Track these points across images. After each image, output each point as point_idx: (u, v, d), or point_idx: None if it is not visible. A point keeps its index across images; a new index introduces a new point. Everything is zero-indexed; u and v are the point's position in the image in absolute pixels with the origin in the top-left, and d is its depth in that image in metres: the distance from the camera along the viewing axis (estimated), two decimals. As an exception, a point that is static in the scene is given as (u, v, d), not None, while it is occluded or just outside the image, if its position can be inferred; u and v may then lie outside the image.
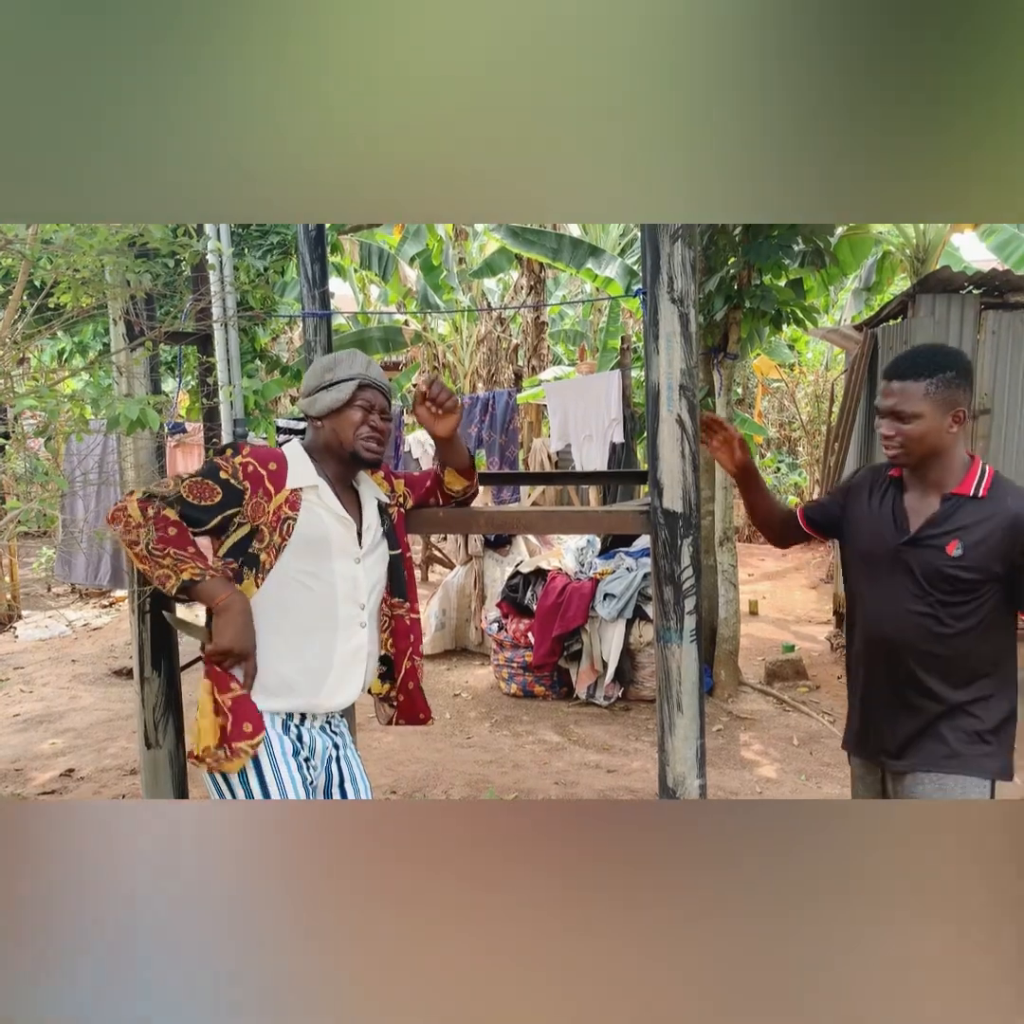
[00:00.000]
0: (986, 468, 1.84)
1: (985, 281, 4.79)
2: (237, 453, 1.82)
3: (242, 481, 1.78)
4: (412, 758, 4.25)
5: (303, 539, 1.80)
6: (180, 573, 1.70)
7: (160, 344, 2.17)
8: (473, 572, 6.38)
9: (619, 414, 5.71)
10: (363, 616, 1.88)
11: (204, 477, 1.78)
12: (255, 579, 1.78)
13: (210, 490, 1.76)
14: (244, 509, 1.77)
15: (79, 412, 1.88)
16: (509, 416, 6.53)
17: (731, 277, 4.98)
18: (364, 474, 2.01)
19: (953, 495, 1.83)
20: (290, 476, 1.83)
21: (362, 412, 1.88)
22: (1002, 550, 1.75)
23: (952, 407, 1.80)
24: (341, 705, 1.87)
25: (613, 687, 5.09)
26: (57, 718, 4.96)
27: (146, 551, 1.70)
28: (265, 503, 1.78)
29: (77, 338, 5.80)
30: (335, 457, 1.90)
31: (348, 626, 1.85)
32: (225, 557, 1.80)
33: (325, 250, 3.24)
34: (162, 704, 2.38)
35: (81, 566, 6.59)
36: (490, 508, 2.18)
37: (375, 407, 1.90)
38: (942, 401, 1.79)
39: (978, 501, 1.80)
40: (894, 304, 5.21)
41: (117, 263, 1.77)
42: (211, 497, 1.76)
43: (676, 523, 1.99)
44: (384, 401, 1.93)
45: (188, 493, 1.76)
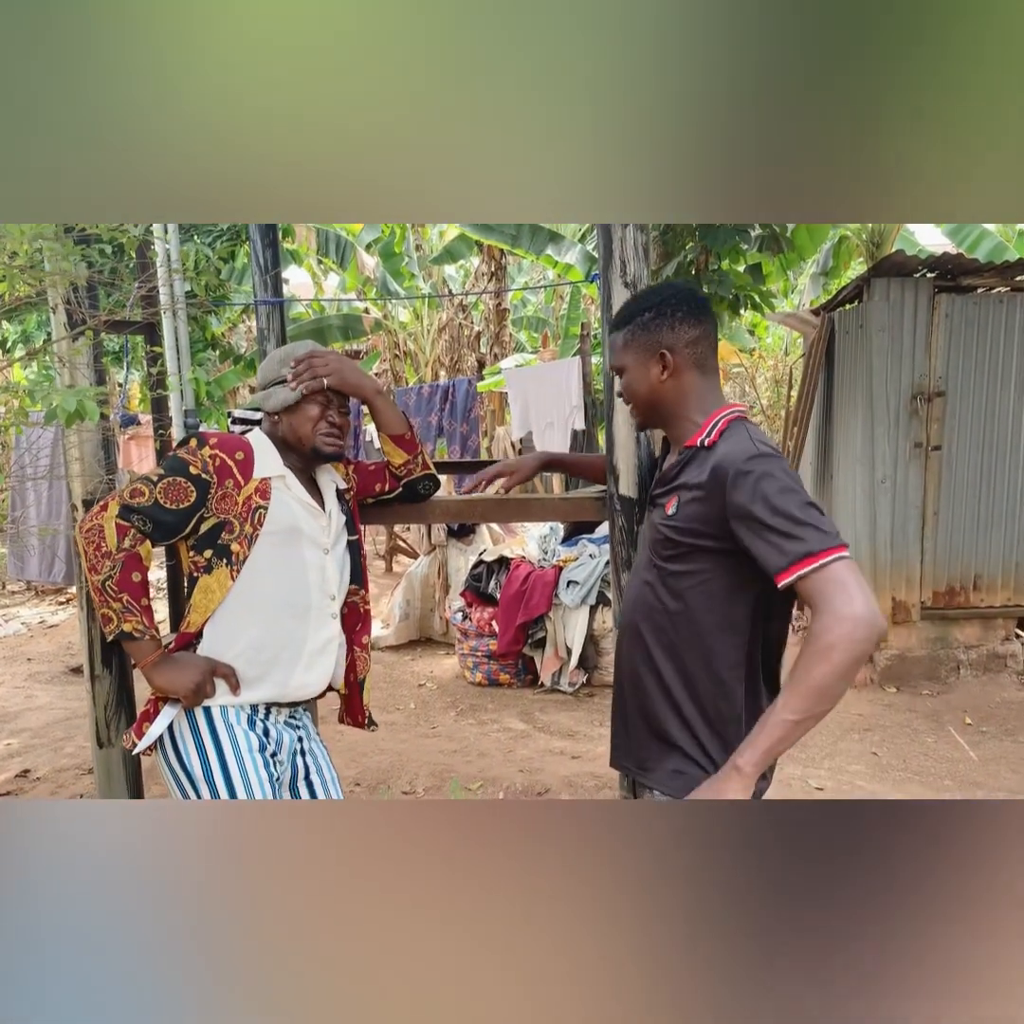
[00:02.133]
0: (726, 416, 1.53)
1: (938, 265, 4.84)
2: (203, 444, 1.75)
3: (211, 474, 1.72)
4: (376, 749, 4.22)
5: (275, 528, 1.76)
6: (123, 623, 1.66)
7: (103, 333, 2.11)
8: (437, 561, 6.36)
9: (580, 401, 5.71)
10: (334, 607, 1.86)
11: (175, 475, 1.71)
12: (230, 571, 1.73)
13: (184, 490, 1.70)
14: (208, 503, 1.73)
15: (19, 403, 1.82)
16: (470, 404, 6.49)
17: (689, 262, 4.99)
18: None
19: (685, 447, 1.55)
20: (257, 465, 1.78)
21: (319, 407, 1.84)
22: (711, 505, 1.43)
23: (654, 350, 1.55)
24: (309, 695, 1.84)
25: (577, 673, 5.11)
26: (12, 718, 4.85)
27: (101, 586, 1.65)
28: (235, 493, 1.74)
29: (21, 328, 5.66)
30: (294, 451, 1.86)
31: (319, 617, 1.82)
32: (194, 551, 1.75)
33: (277, 235, 3.18)
34: (114, 702, 2.33)
35: (35, 563, 6.45)
36: (446, 498, 2.15)
37: (332, 401, 1.86)
38: (641, 347, 1.57)
39: (704, 452, 1.50)
40: (850, 288, 5.25)
41: (52, 250, 1.71)
42: (187, 498, 1.70)
43: (632, 509, 1.99)
44: (342, 396, 1.89)
45: (165, 498, 1.69)
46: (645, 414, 1.64)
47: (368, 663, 2.03)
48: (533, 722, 4.66)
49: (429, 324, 11.95)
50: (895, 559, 5.01)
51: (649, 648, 1.57)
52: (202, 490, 1.72)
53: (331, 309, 10.65)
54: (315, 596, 1.81)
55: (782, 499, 1.35)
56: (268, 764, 1.73)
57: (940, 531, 5.04)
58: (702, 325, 1.56)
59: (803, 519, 1.33)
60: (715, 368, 1.61)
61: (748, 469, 1.39)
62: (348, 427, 1.92)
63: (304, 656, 1.80)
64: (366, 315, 9.78)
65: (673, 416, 1.59)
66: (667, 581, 1.54)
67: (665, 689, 1.55)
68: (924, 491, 5.00)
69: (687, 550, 1.50)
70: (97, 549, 1.65)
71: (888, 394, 4.92)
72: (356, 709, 2.02)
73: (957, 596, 5.07)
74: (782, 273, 6.84)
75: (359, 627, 1.99)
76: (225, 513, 1.73)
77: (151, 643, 1.69)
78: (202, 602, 1.75)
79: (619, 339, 1.62)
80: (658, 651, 1.56)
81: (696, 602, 1.50)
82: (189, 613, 1.76)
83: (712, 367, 1.60)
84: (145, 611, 1.69)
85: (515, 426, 6.35)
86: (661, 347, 1.55)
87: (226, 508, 1.73)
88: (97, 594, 1.66)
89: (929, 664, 5.05)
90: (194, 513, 1.72)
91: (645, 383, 1.58)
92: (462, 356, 11.79)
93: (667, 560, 1.54)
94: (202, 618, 1.74)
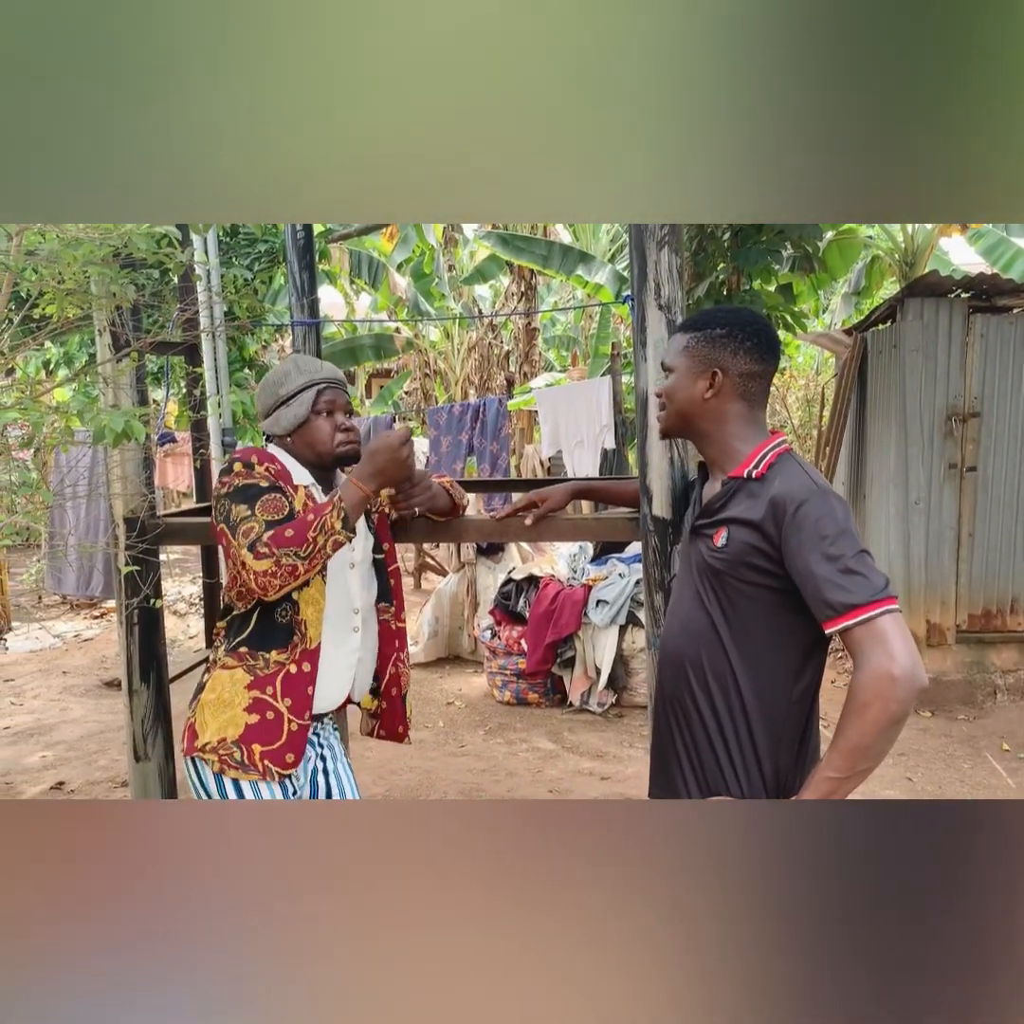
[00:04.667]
0: (775, 448, 1.52)
1: (973, 285, 4.81)
2: (251, 465, 1.75)
3: (277, 481, 1.75)
4: (405, 767, 4.23)
5: None
6: (334, 528, 1.64)
7: (146, 355, 2.16)
8: (466, 579, 6.37)
9: (610, 420, 5.72)
10: (356, 620, 1.87)
11: (257, 496, 1.70)
12: (322, 578, 1.78)
13: (276, 501, 1.71)
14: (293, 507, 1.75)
15: (65, 423, 1.87)
16: (500, 423, 6.53)
17: (720, 283, 5.00)
18: (343, 476, 2.00)
19: (731, 479, 1.53)
20: (293, 474, 1.82)
21: (330, 418, 1.85)
22: (762, 539, 1.43)
23: (708, 366, 1.53)
24: (327, 708, 1.85)
25: (607, 694, 5.08)
26: (47, 731, 4.92)
27: (304, 561, 1.63)
28: (292, 501, 1.75)
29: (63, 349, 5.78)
30: (311, 465, 1.88)
31: (341, 628, 1.83)
32: None
33: (313, 258, 3.25)
34: (151, 716, 2.37)
35: (72, 577, 6.55)
36: (479, 516, 2.17)
37: (337, 407, 1.86)
38: (698, 357, 1.54)
39: (753, 484, 1.49)
40: (883, 308, 5.23)
41: (102, 274, 1.76)
42: (282, 506, 1.71)
43: (666, 530, 1.99)
44: (344, 396, 1.89)
45: (268, 514, 1.68)
46: (674, 422, 1.61)
47: (408, 679, 2.06)
48: (562, 742, 4.64)
49: (459, 343, 12.05)
50: (929, 581, 4.94)
51: (699, 680, 1.52)
52: (283, 494, 1.73)
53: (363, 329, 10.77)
54: (336, 608, 1.82)
55: (838, 545, 1.34)
56: (283, 780, 1.74)
57: (975, 553, 4.97)
58: (765, 363, 1.54)
59: (855, 568, 1.32)
60: (763, 405, 1.59)
61: (807, 508, 1.38)
62: (356, 427, 1.91)
63: (322, 670, 1.80)
64: (397, 334, 9.88)
65: (706, 436, 1.58)
66: (721, 613, 1.50)
67: (717, 724, 1.50)
68: (959, 512, 4.94)
69: (740, 583, 1.47)
70: (276, 576, 1.62)
71: (922, 414, 4.88)
72: (397, 722, 2.04)
73: (993, 619, 4.99)
74: (813, 293, 6.83)
75: (396, 644, 2.01)
76: None
77: (348, 496, 1.68)
78: (314, 614, 1.77)
79: (681, 340, 1.58)
80: (712, 683, 1.51)
81: (753, 635, 1.47)
82: (306, 629, 1.76)
83: (760, 404, 1.58)
84: (317, 513, 1.65)
85: (545, 445, 6.37)
86: (716, 365, 1.53)
87: None
88: (316, 560, 1.64)
89: (965, 688, 4.97)
90: (295, 514, 1.72)
91: (687, 393, 1.56)
92: (491, 375, 11.87)
93: (720, 592, 1.50)
94: (317, 631, 1.76)
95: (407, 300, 10.69)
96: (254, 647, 1.75)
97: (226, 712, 1.71)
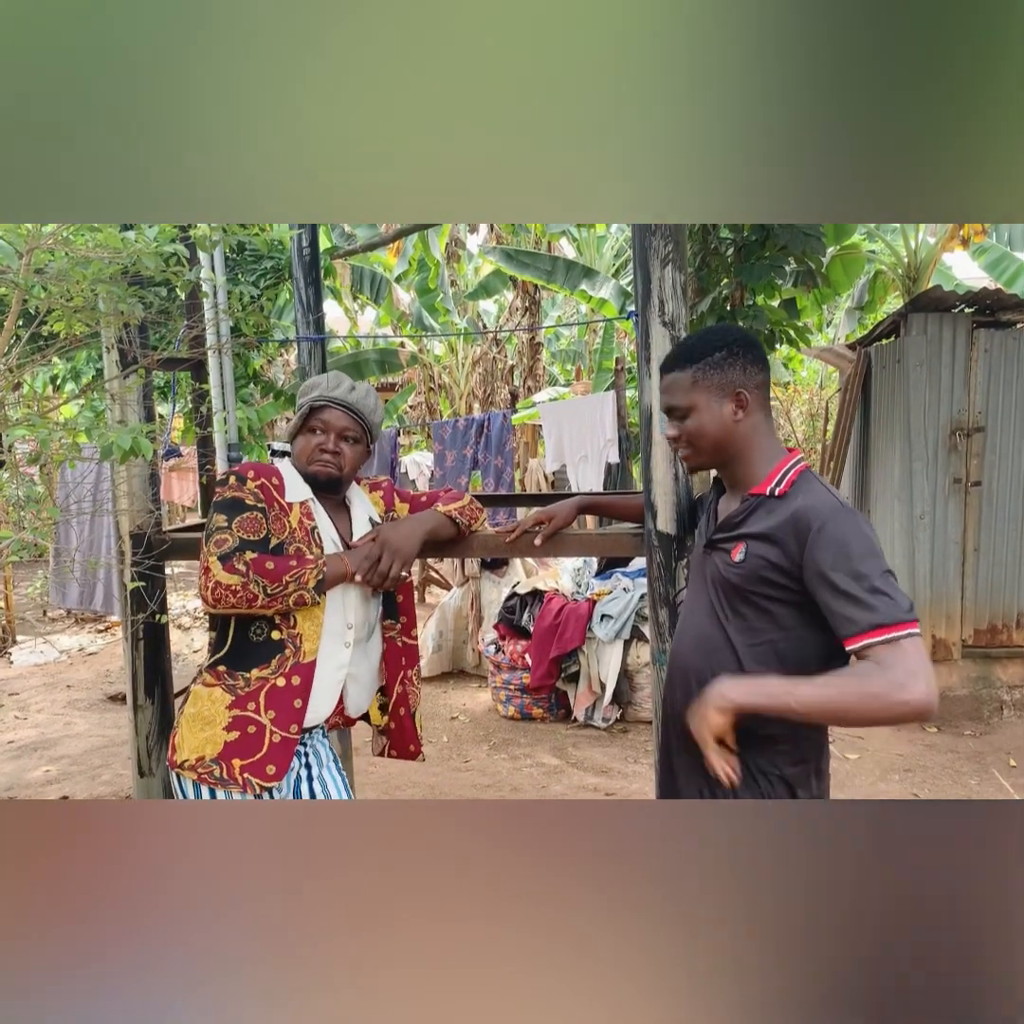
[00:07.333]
0: (796, 465, 1.53)
1: (977, 300, 4.82)
2: (244, 480, 1.80)
3: (262, 501, 1.79)
4: (409, 782, 4.22)
5: None
6: (306, 586, 1.71)
7: (153, 371, 2.18)
8: (470, 593, 6.37)
9: (614, 435, 5.72)
10: (348, 635, 1.85)
11: (239, 512, 1.75)
12: None
13: (255, 520, 1.76)
14: (270, 526, 1.79)
15: (72, 439, 1.88)
16: (504, 437, 6.53)
17: (724, 298, 5.01)
18: (358, 490, 2.00)
19: (751, 495, 1.53)
20: (288, 490, 1.84)
21: (312, 436, 1.86)
22: (784, 555, 1.43)
23: (729, 390, 1.53)
24: (313, 722, 1.82)
25: (611, 709, 5.07)
26: (51, 745, 4.92)
27: (267, 596, 1.67)
28: (284, 518, 1.80)
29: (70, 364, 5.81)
30: (307, 479, 1.90)
31: (331, 642, 1.82)
32: None
33: (319, 274, 3.26)
34: (155, 732, 2.36)
35: (75, 592, 6.56)
36: (484, 531, 2.17)
37: (331, 428, 1.86)
38: (715, 387, 1.53)
39: (774, 501, 1.49)
40: (887, 323, 5.24)
41: (110, 292, 1.77)
42: (261, 526, 1.76)
43: (670, 545, 1.99)
44: (347, 421, 1.86)
45: (244, 532, 1.73)
46: (711, 455, 1.58)
47: (419, 696, 2.04)
48: (566, 757, 4.62)
49: (464, 358, 12.08)
50: (934, 596, 4.93)
51: None
52: (264, 515, 1.78)
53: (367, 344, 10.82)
54: (329, 622, 1.82)
55: (865, 564, 1.34)
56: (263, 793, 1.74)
57: (980, 568, 4.95)
58: (766, 370, 1.57)
59: (882, 588, 1.33)
60: (771, 413, 1.62)
61: (833, 525, 1.38)
62: (345, 454, 1.88)
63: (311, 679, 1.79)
64: (402, 349, 9.91)
65: (739, 457, 1.56)
66: (737, 627, 1.50)
67: None
68: (964, 527, 4.93)
69: (758, 598, 1.47)
70: (235, 595, 1.66)
71: (926, 429, 4.88)
72: (407, 741, 2.03)
73: (999, 634, 4.97)
74: (817, 308, 6.84)
75: (404, 662, 2.00)
76: (279, 534, 1.78)
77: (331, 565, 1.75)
78: (312, 629, 1.78)
79: (685, 378, 1.55)
80: None
81: (769, 649, 1.47)
82: (301, 643, 1.77)
83: (771, 412, 1.61)
84: (301, 562, 1.72)
85: (549, 459, 6.38)
86: (736, 386, 1.53)
87: (279, 529, 1.78)
88: (276, 603, 1.69)
89: (971, 704, 4.94)
90: (269, 537, 1.77)
91: (718, 422, 1.54)
92: (496, 389, 11.90)
93: (737, 606, 1.50)
94: (314, 645, 1.78)
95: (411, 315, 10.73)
96: (232, 667, 1.77)
97: (205, 731, 1.72)
